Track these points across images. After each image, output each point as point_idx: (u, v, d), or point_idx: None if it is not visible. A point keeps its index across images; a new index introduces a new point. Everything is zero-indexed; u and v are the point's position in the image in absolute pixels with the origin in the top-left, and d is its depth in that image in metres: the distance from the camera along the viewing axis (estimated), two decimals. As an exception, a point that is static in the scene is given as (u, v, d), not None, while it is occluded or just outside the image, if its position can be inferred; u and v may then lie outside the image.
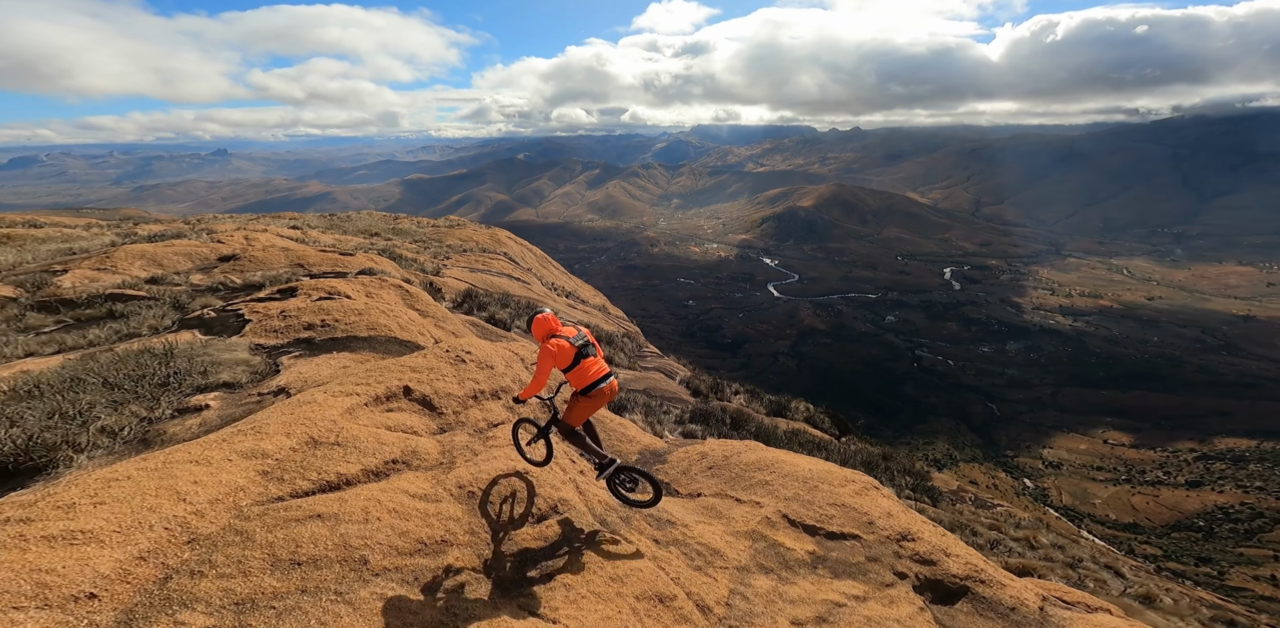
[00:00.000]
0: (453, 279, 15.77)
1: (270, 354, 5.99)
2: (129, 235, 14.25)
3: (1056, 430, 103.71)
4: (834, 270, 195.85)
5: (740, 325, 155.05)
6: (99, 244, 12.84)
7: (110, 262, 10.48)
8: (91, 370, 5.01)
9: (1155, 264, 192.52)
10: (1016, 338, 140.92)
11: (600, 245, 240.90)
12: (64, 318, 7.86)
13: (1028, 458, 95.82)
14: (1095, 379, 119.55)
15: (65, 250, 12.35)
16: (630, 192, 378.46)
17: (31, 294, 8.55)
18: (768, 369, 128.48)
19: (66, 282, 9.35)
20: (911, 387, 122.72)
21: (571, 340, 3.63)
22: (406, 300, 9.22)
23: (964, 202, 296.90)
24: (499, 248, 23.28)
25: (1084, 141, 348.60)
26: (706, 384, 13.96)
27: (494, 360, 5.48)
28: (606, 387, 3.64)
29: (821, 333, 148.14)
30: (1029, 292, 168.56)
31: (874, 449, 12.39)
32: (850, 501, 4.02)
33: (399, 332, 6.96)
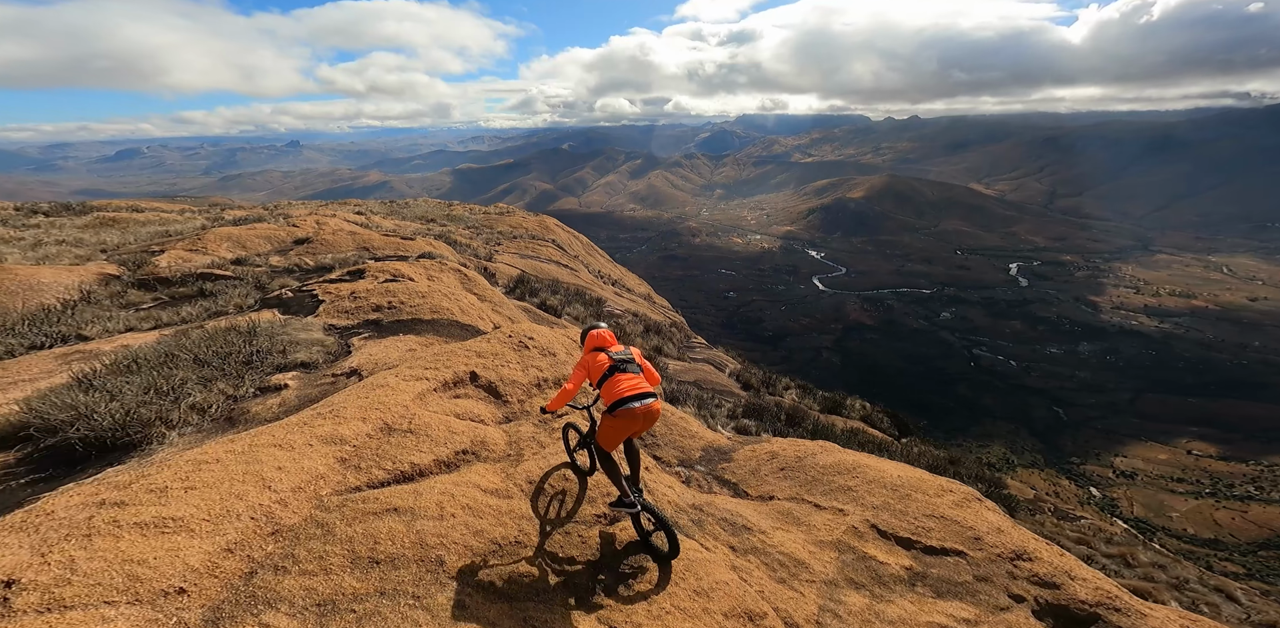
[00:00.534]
0: (504, 265, 15.97)
1: (342, 335, 6.14)
2: (217, 219, 15.30)
3: (1132, 439, 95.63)
4: (885, 264, 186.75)
5: (782, 318, 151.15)
6: (191, 227, 13.82)
7: (201, 243, 11.21)
8: (184, 347, 5.27)
9: (1262, 262, 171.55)
10: (1091, 339, 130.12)
11: (641, 235, 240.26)
12: (160, 295, 8.44)
13: (1096, 466, 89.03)
14: (1182, 385, 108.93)
15: (162, 233, 13.36)
16: (672, 181, 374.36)
17: (133, 272, 9.24)
18: (810, 363, 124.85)
19: (163, 261, 10.07)
20: (966, 387, 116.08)
21: (611, 354, 3.37)
22: (465, 285, 9.32)
23: (1036, 193, 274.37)
24: (547, 235, 23.44)
25: (1184, 128, 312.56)
26: (757, 378, 13.52)
27: (555, 348, 5.35)
28: (640, 407, 3.14)
29: (869, 328, 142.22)
30: (1109, 290, 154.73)
31: (938, 452, 11.62)
32: (950, 512, 3.62)
33: (460, 315, 7.00)
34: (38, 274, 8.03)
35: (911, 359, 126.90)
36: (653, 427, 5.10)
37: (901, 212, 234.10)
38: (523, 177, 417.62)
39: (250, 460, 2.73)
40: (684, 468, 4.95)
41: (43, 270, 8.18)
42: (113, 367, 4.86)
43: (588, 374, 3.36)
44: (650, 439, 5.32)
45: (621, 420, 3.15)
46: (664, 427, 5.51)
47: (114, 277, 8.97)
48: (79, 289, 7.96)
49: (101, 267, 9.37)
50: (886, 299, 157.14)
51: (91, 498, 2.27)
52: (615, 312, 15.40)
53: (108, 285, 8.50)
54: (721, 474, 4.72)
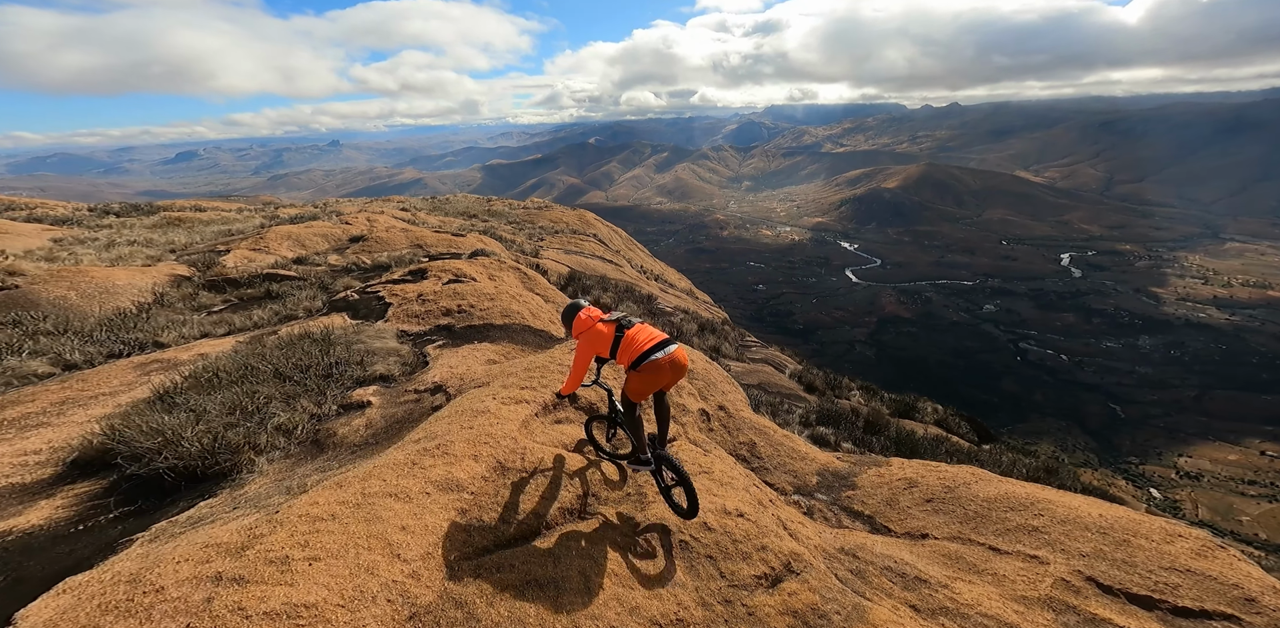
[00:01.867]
0: (551, 261, 15.64)
1: (415, 342, 5.81)
2: (274, 218, 15.54)
3: (1199, 438, 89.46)
4: (923, 255, 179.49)
5: (813, 311, 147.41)
6: (252, 226, 14.02)
7: (263, 242, 11.26)
8: (263, 357, 5.02)
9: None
10: (1153, 332, 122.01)
11: (668, 228, 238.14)
12: (230, 297, 8.39)
13: (1157, 466, 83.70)
14: (1256, 382, 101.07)
15: (225, 231, 13.58)
16: (699, 174, 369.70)
17: (202, 273, 9.27)
18: (842, 357, 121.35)
19: (230, 261, 10.12)
20: (1012, 382, 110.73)
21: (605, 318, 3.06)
22: (526, 283, 8.95)
23: (1090, 180, 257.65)
24: (588, 229, 23.04)
25: (1259, 109, 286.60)
26: (821, 380, 12.77)
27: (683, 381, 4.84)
28: (664, 357, 2.81)
29: (905, 321, 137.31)
30: (1173, 280, 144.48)
31: (1028, 460, 10.66)
32: (1194, 564, 2.91)
33: (531, 320, 6.59)
34: (112, 276, 8.08)
35: (953, 353, 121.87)
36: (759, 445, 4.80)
37: (941, 201, 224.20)
38: (550, 171, 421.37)
39: (369, 517, 2.33)
40: (802, 497, 4.38)
41: (117, 272, 8.23)
42: (194, 380, 4.64)
43: (594, 350, 3.04)
44: (757, 462, 4.77)
45: (647, 375, 2.86)
46: (769, 446, 4.95)
47: (184, 278, 9.00)
48: (152, 291, 7.97)
49: (172, 268, 9.44)
50: (924, 291, 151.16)
51: (204, 569, 1.91)
52: (665, 309, 14.86)
53: (179, 287, 8.51)
54: (849, 504, 4.13)
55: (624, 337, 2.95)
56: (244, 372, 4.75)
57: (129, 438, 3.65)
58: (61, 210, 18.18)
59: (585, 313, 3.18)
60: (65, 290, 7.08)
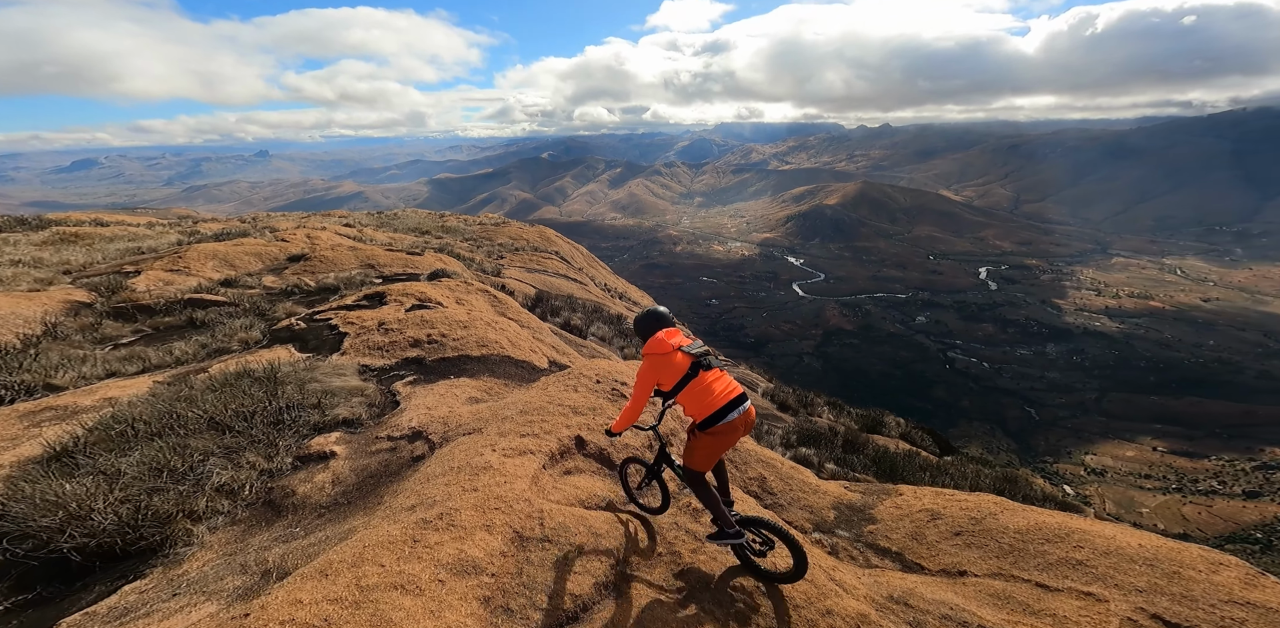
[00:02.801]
0: (515, 280, 14.97)
1: (381, 379, 5.14)
2: (193, 234, 13.87)
3: (1101, 437, 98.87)
4: (862, 270, 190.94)
5: (764, 325, 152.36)
6: (166, 243, 12.42)
7: (183, 262, 9.95)
8: (191, 402, 4.21)
9: (1212, 264, 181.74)
10: (1058, 340, 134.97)
11: (623, 244, 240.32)
12: (142, 327, 7.22)
13: (1068, 465, 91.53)
14: (1145, 384, 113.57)
15: (134, 249, 11.96)
16: (653, 190, 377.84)
17: (106, 299, 7.97)
18: (792, 370, 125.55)
19: (140, 284, 8.80)
20: (943, 389, 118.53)
21: (687, 349, 2.59)
22: (497, 307, 8.36)
23: (1002, 199, 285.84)
24: (550, 247, 22.48)
25: (1136, 136, 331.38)
26: (794, 398, 12.81)
27: None
28: (739, 417, 2.50)
29: (848, 333, 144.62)
30: (1071, 292, 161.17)
31: (988, 471, 11.08)
32: (1248, 595, 2.83)
33: (511, 349, 6.06)
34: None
35: (890, 363, 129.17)
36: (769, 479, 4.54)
37: (876, 218, 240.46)
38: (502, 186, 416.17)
39: (376, 622, 1.79)
40: (823, 535, 4.12)
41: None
42: (101, 433, 3.79)
43: (659, 377, 2.57)
44: (770, 498, 4.49)
45: (720, 437, 2.47)
46: (779, 480, 4.69)
47: (84, 304, 7.69)
48: (42, 321, 6.71)
49: (68, 293, 8.07)
50: (864, 304, 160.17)
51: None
52: (634, 328, 14.56)
53: (77, 316, 7.24)
54: (873, 540, 3.91)
55: (698, 378, 2.51)
56: (168, 421, 3.94)
57: (17, 514, 2.84)
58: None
59: (666, 333, 2.66)
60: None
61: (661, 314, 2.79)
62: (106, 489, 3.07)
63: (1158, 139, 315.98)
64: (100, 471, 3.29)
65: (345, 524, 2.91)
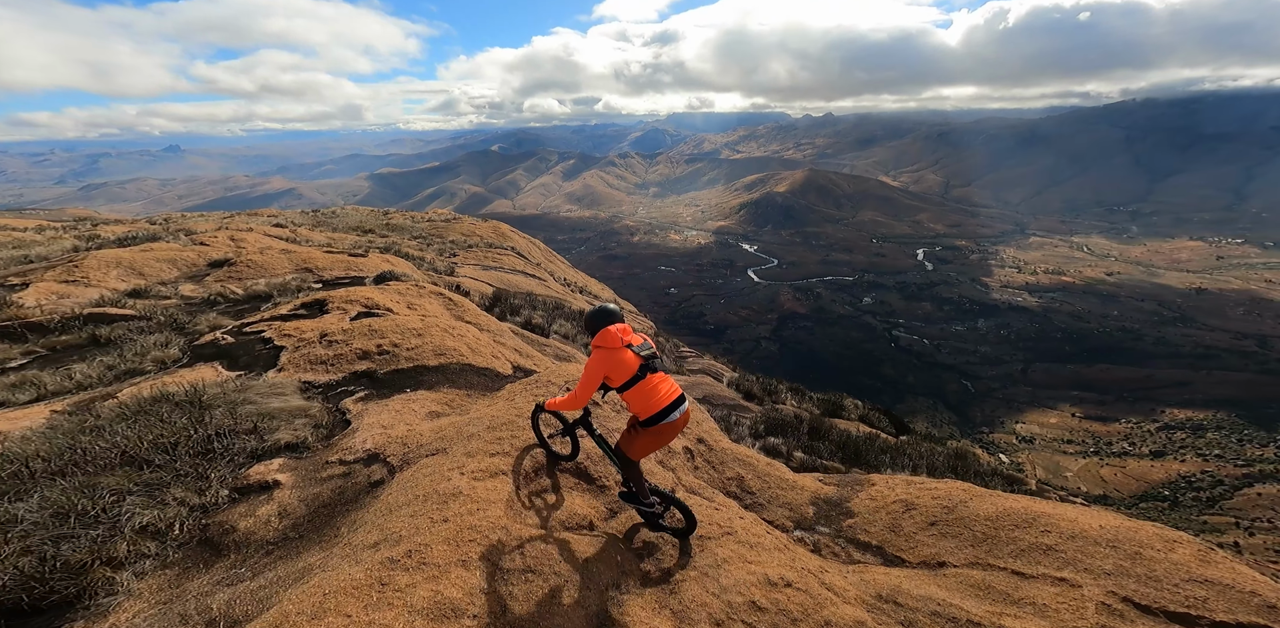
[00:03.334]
0: (470, 279, 14.32)
1: (327, 397, 4.69)
2: (92, 239, 12.29)
3: (1029, 406, 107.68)
4: (812, 254, 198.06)
5: (722, 311, 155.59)
6: (58, 249, 10.95)
7: (80, 272, 8.80)
8: (99, 434, 3.66)
9: (1112, 241, 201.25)
10: (987, 316, 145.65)
11: (580, 235, 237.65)
12: (34, 348, 6.29)
13: (1002, 434, 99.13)
14: (1062, 354, 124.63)
15: (20, 258, 10.47)
16: (608, 181, 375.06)
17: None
18: (750, 354, 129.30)
19: (29, 298, 7.67)
20: (890, 367, 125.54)
21: (637, 350, 2.74)
22: (453, 311, 7.90)
23: (934, 184, 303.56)
24: (505, 242, 21.70)
25: (1045, 124, 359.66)
26: (758, 386, 13.03)
27: None
28: (680, 418, 2.73)
29: (802, 317, 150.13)
30: (996, 270, 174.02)
31: (941, 449, 11.73)
32: (1206, 572, 3.00)
33: (471, 356, 5.72)
34: None
35: (842, 344, 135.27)
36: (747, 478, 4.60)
37: (823, 204, 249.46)
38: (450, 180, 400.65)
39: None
40: (805, 532, 4.13)
41: None
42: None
43: (608, 372, 2.70)
44: (750, 497, 4.46)
45: (659, 436, 2.72)
46: (757, 479, 4.67)
47: (-44, 325, 6.61)
48: (-97, 348, 5.69)
49: (-65, 311, 6.91)
50: (816, 288, 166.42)
51: None
52: (597, 324, 14.29)
53: (-52, 339, 6.21)
54: (853, 535, 3.96)
55: (645, 379, 2.65)
56: (71, 457, 3.41)
57: None
58: None
59: (618, 328, 2.79)
60: None
61: (612, 311, 2.89)
62: (1, 541, 2.59)
63: (1063, 127, 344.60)
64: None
65: (299, 562, 2.60)
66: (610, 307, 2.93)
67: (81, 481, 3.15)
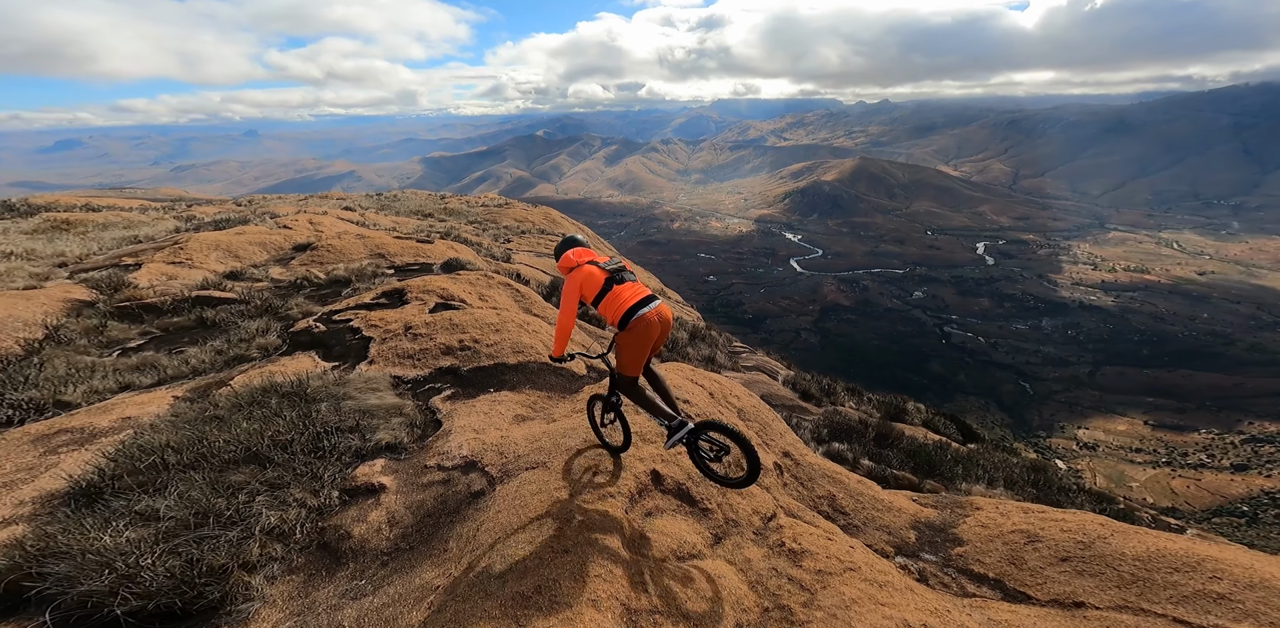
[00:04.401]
0: (526, 266, 14.47)
1: (416, 393, 4.79)
2: (190, 220, 13.26)
3: (1094, 411, 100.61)
4: (859, 245, 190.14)
5: (762, 301, 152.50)
6: (162, 230, 11.85)
7: (184, 254, 9.48)
8: (221, 424, 3.85)
9: (1208, 238, 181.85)
10: (1053, 314, 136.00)
11: (620, 221, 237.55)
12: (150, 329, 6.79)
13: (1061, 439, 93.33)
14: (1138, 357, 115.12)
15: (130, 238, 11.37)
16: (650, 167, 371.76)
17: (109, 297, 7.50)
18: (789, 345, 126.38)
19: (143, 279, 8.30)
20: (939, 364, 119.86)
21: (602, 265, 2.96)
22: (520, 303, 7.95)
23: (1000, 174, 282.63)
24: (556, 229, 21.82)
25: (1135, 111, 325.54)
26: (815, 386, 12.59)
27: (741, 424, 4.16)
28: (650, 313, 2.78)
29: (845, 309, 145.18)
30: (1068, 267, 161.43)
31: (1015, 460, 11.01)
32: None
33: (548, 354, 5.70)
34: (-18, 307, 6.27)
35: (887, 338, 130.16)
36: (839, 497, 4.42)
37: (874, 193, 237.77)
38: (497, 164, 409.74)
39: None
40: (907, 559, 3.89)
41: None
42: (128, 464, 3.44)
43: (581, 294, 2.93)
44: (844, 519, 4.24)
45: (637, 334, 2.77)
46: (849, 497, 4.43)
47: (85, 304, 7.22)
48: (43, 325, 6.26)
49: (67, 290, 7.58)
50: (862, 280, 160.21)
51: None
52: (650, 316, 14.17)
53: (79, 316, 6.79)
54: (963, 565, 3.68)
55: (612, 291, 2.83)
56: (200, 449, 3.60)
57: (61, 575, 2.52)
58: None
59: (574, 252, 3.03)
60: None
61: (574, 238, 3.13)
62: (152, 541, 2.75)
63: (1158, 114, 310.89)
64: (137, 513, 2.96)
65: (415, 577, 2.62)
66: (575, 235, 3.16)
67: (212, 477, 3.31)
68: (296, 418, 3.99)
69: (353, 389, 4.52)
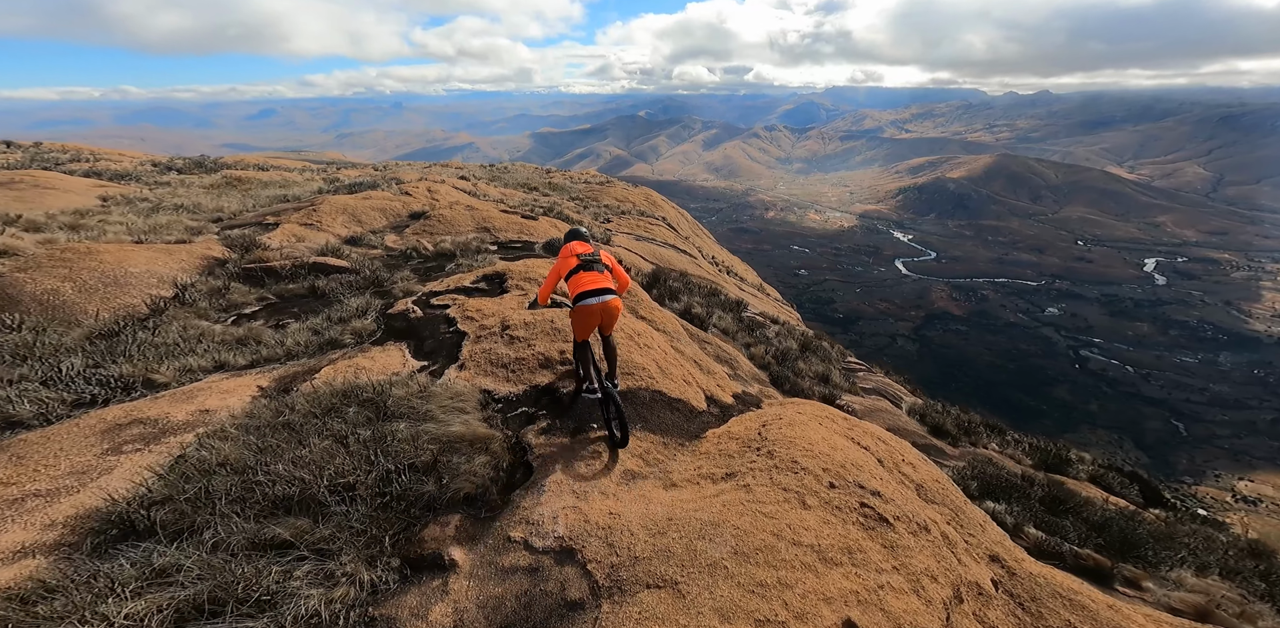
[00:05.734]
0: (625, 250, 13.55)
1: (506, 418, 3.92)
2: (334, 181, 14.50)
3: (1268, 463, 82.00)
4: (984, 251, 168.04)
5: (856, 301, 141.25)
6: (308, 191, 12.89)
7: (316, 216, 9.98)
8: (291, 433, 3.23)
9: None
10: (1237, 349, 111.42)
11: (712, 205, 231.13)
12: (267, 294, 6.76)
13: (1213, 488, 77.11)
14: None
15: (281, 197, 12.33)
16: (749, 153, 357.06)
17: (241, 257, 7.72)
18: (882, 350, 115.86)
19: (275, 240, 8.56)
20: (1066, 390, 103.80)
21: (580, 255, 3.73)
22: (625, 300, 6.93)
23: (1194, 179, 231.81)
24: (656, 212, 20.68)
25: None
26: (951, 420, 10.39)
27: (926, 512, 2.78)
28: (596, 304, 3.52)
29: (955, 318, 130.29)
30: (1269, 295, 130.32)
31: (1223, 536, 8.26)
32: None
33: (661, 379, 4.58)
34: (129, 259, 6.52)
35: (1003, 355, 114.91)
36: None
37: (1013, 195, 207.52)
38: (598, 142, 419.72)
39: None
40: None
41: (136, 254, 6.68)
42: (177, 485, 2.88)
43: (558, 270, 3.74)
44: None
45: (580, 313, 3.54)
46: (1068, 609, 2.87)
47: (219, 262, 7.44)
48: (174, 283, 6.38)
49: (208, 247, 7.90)
50: (981, 288, 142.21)
51: None
52: (756, 318, 12.61)
53: (210, 275, 6.94)
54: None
55: (579, 274, 3.63)
56: (254, 474, 2.97)
57: None
58: (126, 164, 17.19)
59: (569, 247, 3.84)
60: (59, 281, 5.54)
61: (578, 231, 4.07)
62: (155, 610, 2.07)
63: None
64: (155, 570, 2.32)
65: None
66: (579, 229, 4.01)
67: (252, 529, 2.61)
68: (370, 440, 3.26)
69: (436, 407, 3.74)
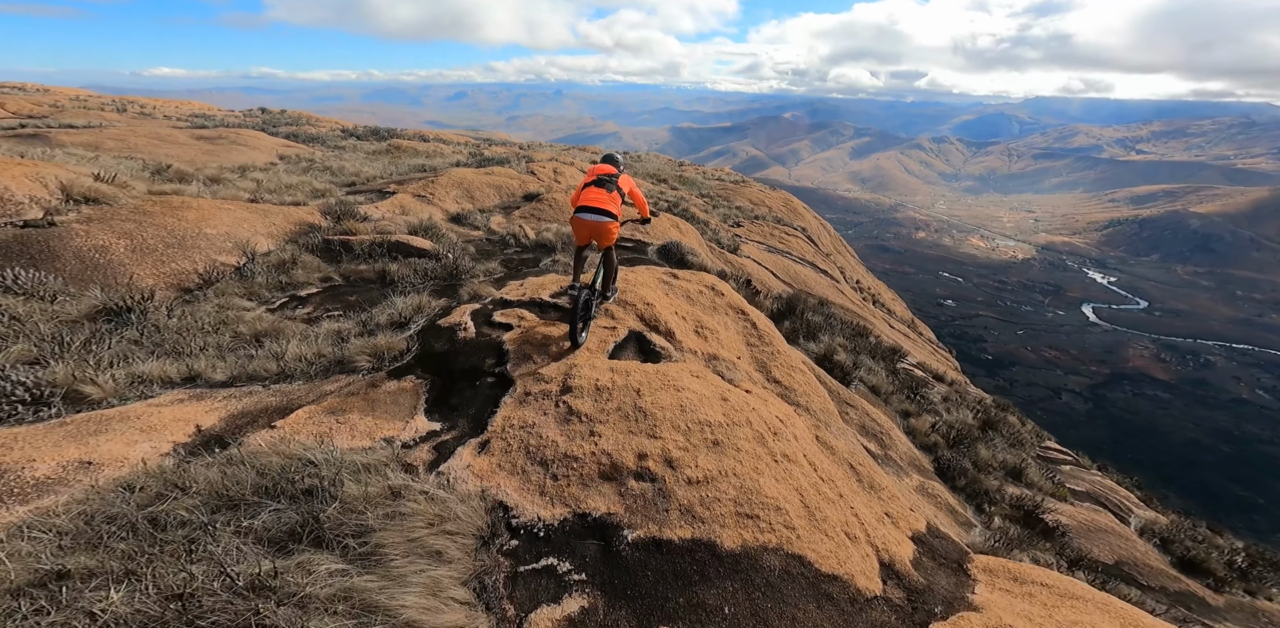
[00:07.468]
0: (754, 264, 11.27)
1: (515, 576, 2.13)
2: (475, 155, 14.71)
3: None
4: (1224, 308, 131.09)
5: (1013, 343, 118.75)
6: (445, 163, 12.93)
7: (431, 188, 9.57)
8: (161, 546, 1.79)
9: None
10: None
11: (851, 218, 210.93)
12: (333, 274, 5.95)
13: None
14: None
15: (419, 166, 12.49)
16: (906, 165, 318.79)
17: (331, 225, 7.16)
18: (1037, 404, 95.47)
19: (377, 212, 8.02)
20: (1299, 485, 76.48)
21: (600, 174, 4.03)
22: (754, 349, 4.83)
23: None
24: (795, 221, 17.77)
25: None
26: (1217, 558, 6.55)
27: None
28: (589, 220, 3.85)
29: (1155, 382, 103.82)
30: None
31: None
32: None
33: (804, 530, 2.46)
34: (213, 218, 6.08)
35: (1217, 434, 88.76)
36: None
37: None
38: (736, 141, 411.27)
39: None
40: None
41: (225, 213, 6.27)
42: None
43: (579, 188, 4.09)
44: None
45: (574, 225, 3.98)
46: None
47: (310, 229, 6.91)
48: (245, 251, 5.78)
49: (310, 212, 7.50)
50: (1208, 352, 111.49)
51: None
52: (915, 373, 9.50)
53: (290, 244, 6.34)
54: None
55: (586, 189, 3.98)
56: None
57: None
58: (322, 129, 19.49)
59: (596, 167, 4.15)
60: (115, 237, 5.06)
61: (613, 156, 4.35)
62: None
63: None
64: None
65: None
66: (613, 155, 4.38)
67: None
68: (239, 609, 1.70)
69: (401, 538, 2.11)
